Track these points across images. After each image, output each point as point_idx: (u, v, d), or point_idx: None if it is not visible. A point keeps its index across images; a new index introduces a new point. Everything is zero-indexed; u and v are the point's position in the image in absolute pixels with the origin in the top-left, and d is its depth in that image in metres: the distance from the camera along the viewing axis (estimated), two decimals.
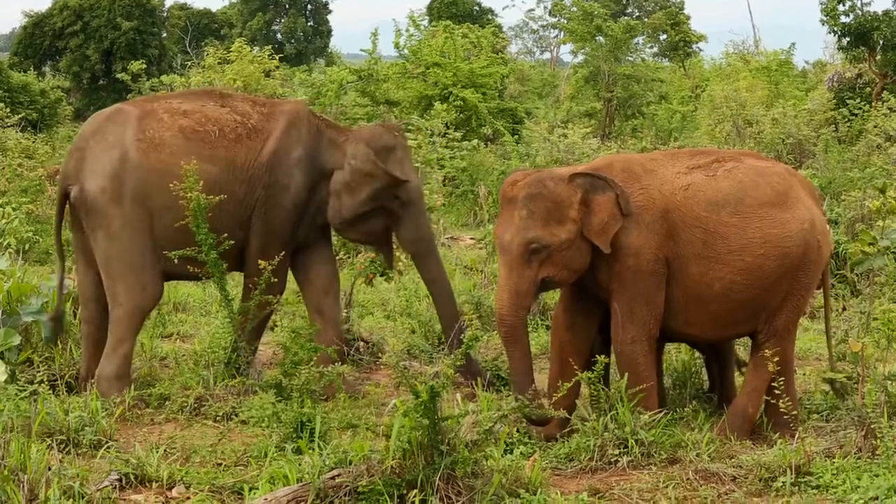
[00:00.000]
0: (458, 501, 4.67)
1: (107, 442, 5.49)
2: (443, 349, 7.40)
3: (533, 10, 52.83)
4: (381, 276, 7.91)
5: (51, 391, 5.88)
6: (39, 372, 5.98)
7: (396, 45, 19.25)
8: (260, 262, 6.36)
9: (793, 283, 5.97)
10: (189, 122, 6.52)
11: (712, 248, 5.84)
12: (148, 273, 6.38)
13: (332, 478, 4.72)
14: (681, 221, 5.85)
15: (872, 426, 5.35)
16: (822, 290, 6.56)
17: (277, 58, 20.15)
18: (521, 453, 5.27)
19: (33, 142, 15.53)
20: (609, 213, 5.80)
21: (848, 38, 18.65)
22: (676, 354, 7.02)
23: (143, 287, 6.39)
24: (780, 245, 5.88)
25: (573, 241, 5.82)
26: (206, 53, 21.20)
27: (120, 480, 5.01)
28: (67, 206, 6.50)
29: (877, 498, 4.85)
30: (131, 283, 6.35)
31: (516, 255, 5.81)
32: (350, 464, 4.83)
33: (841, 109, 17.51)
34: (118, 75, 23.37)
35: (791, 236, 5.91)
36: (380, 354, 7.66)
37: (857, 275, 9.40)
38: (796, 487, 5.09)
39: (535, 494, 4.86)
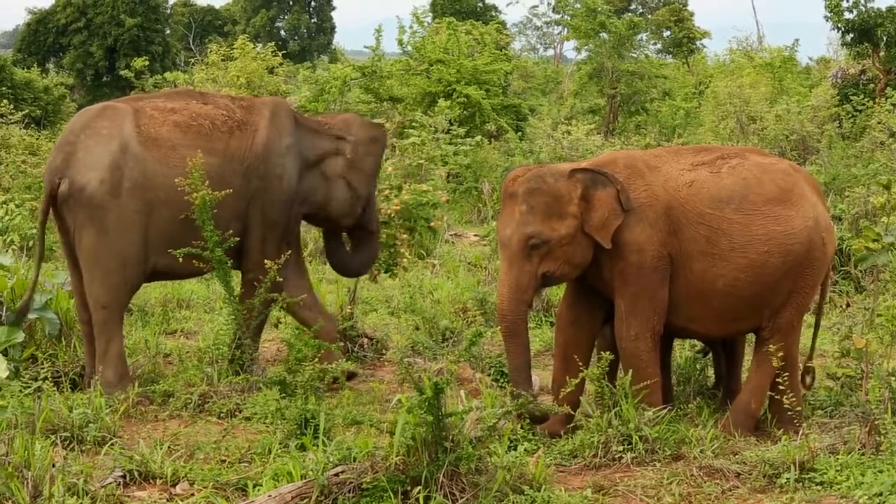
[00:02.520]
0: (461, 498, 4.67)
1: (111, 438, 5.49)
2: (446, 345, 7.41)
3: (536, 6, 52.92)
4: (386, 272, 7.91)
5: (55, 388, 5.89)
6: (43, 369, 5.99)
7: (400, 42, 19.24)
8: (266, 262, 6.37)
9: (797, 280, 5.96)
10: (181, 118, 6.55)
11: (716, 244, 5.84)
12: (130, 271, 6.37)
13: (336, 474, 4.72)
14: (684, 218, 5.85)
15: (876, 422, 5.35)
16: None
17: (281, 55, 20.14)
18: (524, 450, 5.26)
19: (37, 139, 15.51)
20: (609, 209, 5.80)
21: (852, 35, 18.59)
22: (680, 351, 7.01)
23: (126, 285, 6.39)
24: (784, 242, 5.87)
25: (573, 237, 5.82)
26: (209, 50, 21.23)
27: (124, 477, 5.01)
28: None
29: (881, 494, 4.84)
30: (115, 282, 6.33)
31: (516, 249, 5.81)
32: (354, 460, 4.85)
33: (845, 106, 17.48)
34: (122, 72, 23.41)
35: (795, 233, 5.89)
36: (384, 351, 7.68)
37: (860, 271, 9.39)
38: (800, 484, 5.09)
39: (538, 491, 4.86)
